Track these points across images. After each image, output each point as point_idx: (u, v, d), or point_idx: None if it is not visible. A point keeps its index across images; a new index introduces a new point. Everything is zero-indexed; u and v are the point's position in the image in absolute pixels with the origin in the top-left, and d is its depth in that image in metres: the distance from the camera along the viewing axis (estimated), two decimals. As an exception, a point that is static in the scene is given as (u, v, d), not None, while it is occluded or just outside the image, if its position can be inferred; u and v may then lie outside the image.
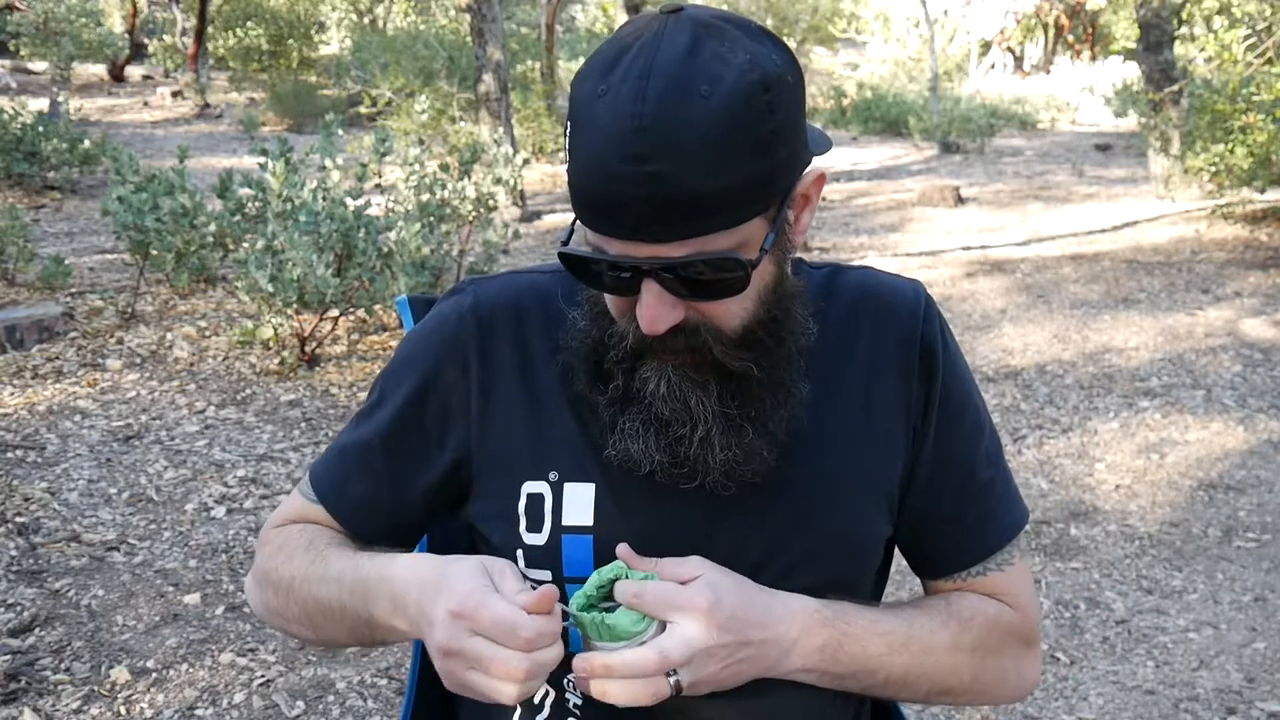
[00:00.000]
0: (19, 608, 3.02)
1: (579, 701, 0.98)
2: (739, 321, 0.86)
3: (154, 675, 2.76)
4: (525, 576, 0.95)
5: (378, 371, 4.81)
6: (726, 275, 0.81)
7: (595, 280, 0.86)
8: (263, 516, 3.70)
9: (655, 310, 0.82)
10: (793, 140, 0.82)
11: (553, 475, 0.95)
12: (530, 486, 0.95)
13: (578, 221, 0.85)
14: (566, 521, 0.94)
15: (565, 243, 0.85)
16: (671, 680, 0.83)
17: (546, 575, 0.95)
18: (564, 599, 0.94)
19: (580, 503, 0.94)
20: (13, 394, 4.61)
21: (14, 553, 3.32)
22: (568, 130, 0.82)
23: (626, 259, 0.80)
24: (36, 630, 2.92)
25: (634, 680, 0.82)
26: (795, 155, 0.83)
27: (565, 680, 0.98)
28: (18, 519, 3.54)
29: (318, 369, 5.11)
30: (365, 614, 0.92)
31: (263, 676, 2.78)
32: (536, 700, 1.00)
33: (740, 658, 0.86)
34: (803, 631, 0.89)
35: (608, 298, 0.89)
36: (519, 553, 0.96)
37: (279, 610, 1.01)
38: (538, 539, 0.95)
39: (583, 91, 0.80)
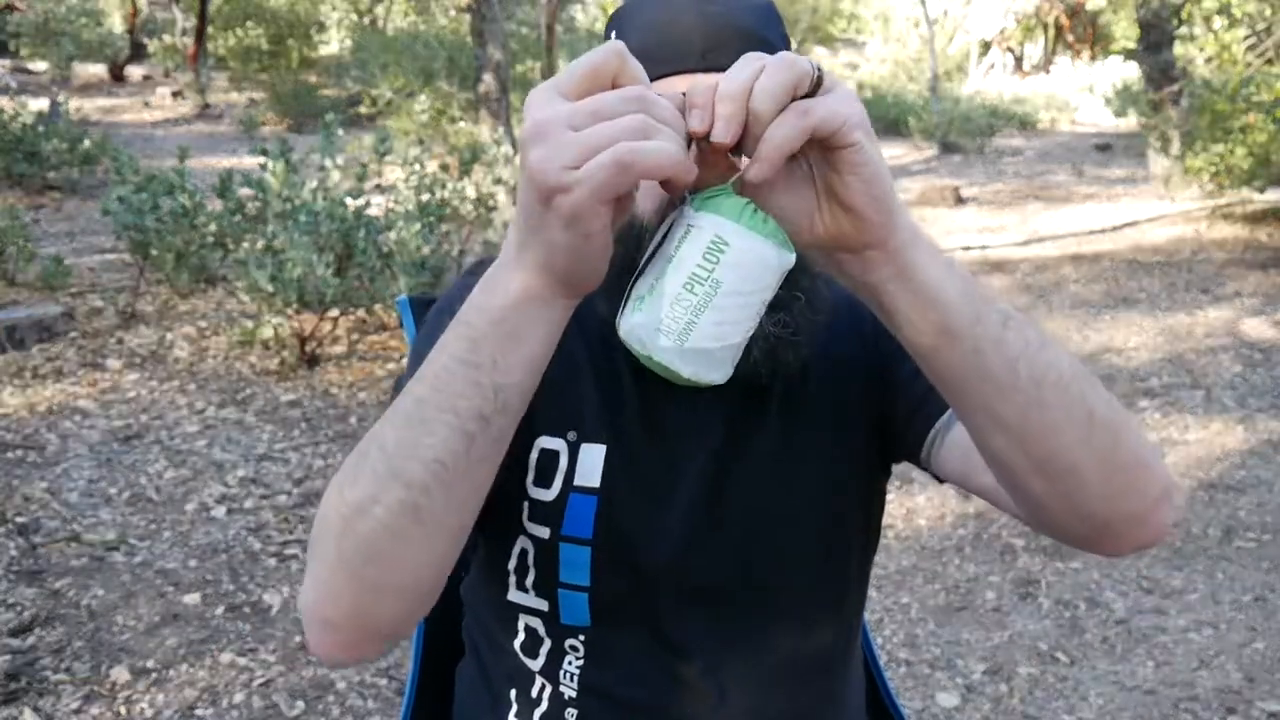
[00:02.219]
0: (19, 608, 3.02)
1: (574, 694, 0.98)
2: None
3: (154, 675, 2.76)
4: (526, 532, 0.97)
5: (377, 371, 4.76)
6: None
7: None
8: (263, 516, 3.70)
9: None
10: None
11: (571, 435, 0.96)
12: (545, 441, 0.96)
13: None
14: (578, 482, 0.95)
15: None
16: (814, 67, 0.67)
17: (545, 532, 0.95)
18: (556, 558, 0.95)
19: (591, 463, 0.95)
20: (13, 394, 4.61)
21: (14, 553, 3.32)
22: (612, 38, 0.92)
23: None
24: (36, 630, 2.92)
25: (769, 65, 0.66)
26: None
27: (561, 672, 0.98)
28: (18, 519, 3.54)
29: (318, 369, 5.11)
30: (482, 321, 0.70)
31: (263, 676, 2.78)
32: (534, 694, 1.00)
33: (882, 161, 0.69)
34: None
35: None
36: (524, 504, 0.96)
37: (371, 497, 0.73)
38: (545, 494, 0.95)
39: (629, 3, 0.95)
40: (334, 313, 5.13)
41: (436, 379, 0.72)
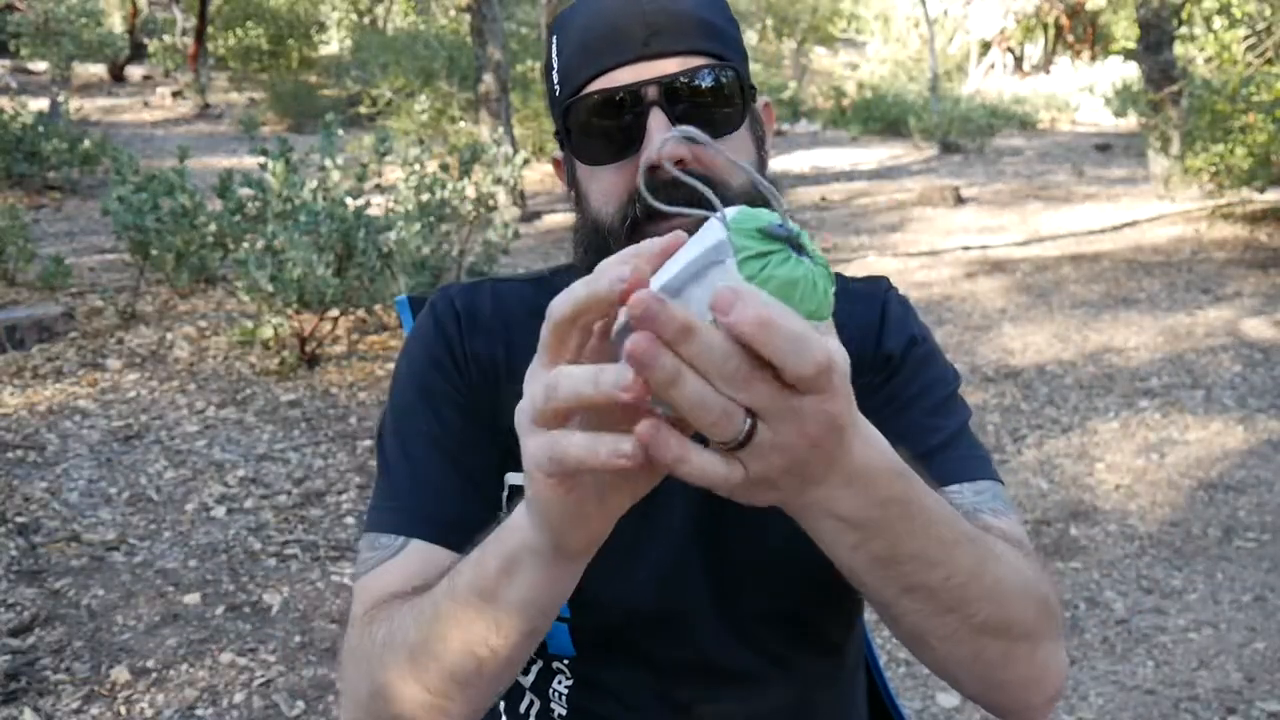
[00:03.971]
0: (19, 608, 3.02)
1: (564, 712, 0.97)
2: (739, 180, 0.90)
3: (154, 675, 2.76)
4: None
5: (377, 371, 4.75)
6: (724, 104, 0.88)
7: (598, 145, 0.89)
8: (263, 516, 3.70)
9: (664, 136, 0.84)
10: (744, 49, 0.95)
11: None
12: (513, 478, 0.94)
13: (575, 102, 0.90)
14: None
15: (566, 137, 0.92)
16: (745, 423, 0.54)
17: None
18: None
19: None
20: (13, 394, 4.61)
21: (14, 553, 3.32)
22: (554, 43, 0.92)
23: (635, 83, 0.87)
24: (36, 630, 2.92)
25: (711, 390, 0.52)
26: (747, 61, 0.94)
27: (550, 690, 0.97)
28: (18, 519, 3.54)
29: (318, 369, 5.11)
30: (492, 558, 0.71)
31: (263, 676, 2.78)
32: (521, 709, 0.99)
33: (829, 436, 0.58)
34: (879, 461, 0.63)
35: (602, 186, 0.90)
36: None
37: (398, 691, 0.78)
38: None
39: (567, 9, 0.93)
40: (334, 313, 5.13)
41: (454, 597, 0.74)
